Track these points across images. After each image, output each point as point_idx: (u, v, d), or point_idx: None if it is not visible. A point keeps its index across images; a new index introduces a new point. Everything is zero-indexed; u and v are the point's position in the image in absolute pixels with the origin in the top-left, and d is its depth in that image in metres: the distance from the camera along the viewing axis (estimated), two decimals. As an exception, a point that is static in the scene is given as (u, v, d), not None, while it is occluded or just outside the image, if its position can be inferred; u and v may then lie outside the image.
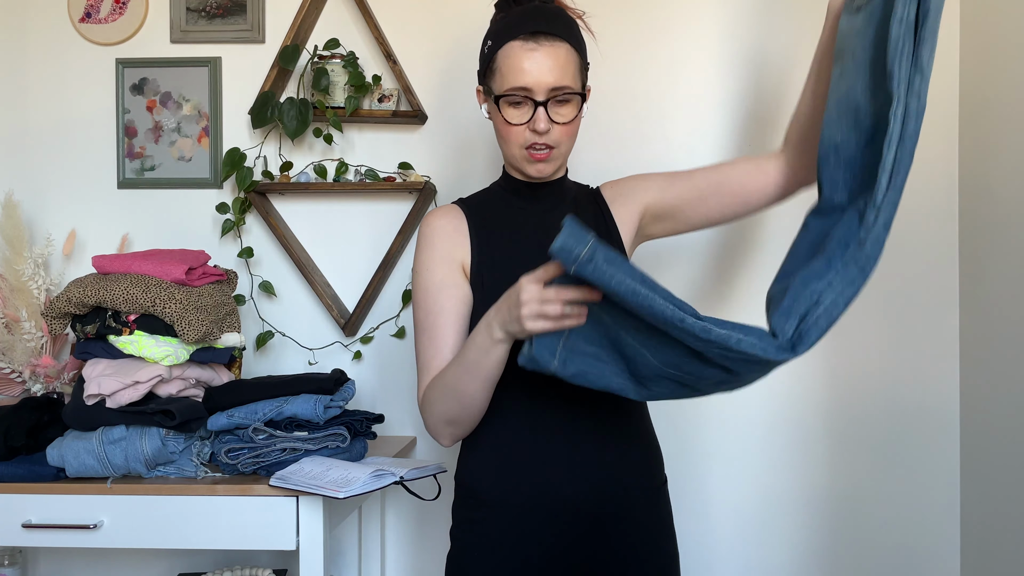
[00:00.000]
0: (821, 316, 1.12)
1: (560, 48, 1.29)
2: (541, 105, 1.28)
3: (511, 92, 1.29)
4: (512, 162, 1.37)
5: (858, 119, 1.18)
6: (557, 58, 1.28)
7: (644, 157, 1.98)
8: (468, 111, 2.01)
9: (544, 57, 1.27)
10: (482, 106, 1.39)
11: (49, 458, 1.58)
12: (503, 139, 1.34)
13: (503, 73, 1.30)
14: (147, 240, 2.05)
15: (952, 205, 1.94)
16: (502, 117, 1.31)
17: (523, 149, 1.32)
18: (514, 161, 1.35)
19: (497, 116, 1.33)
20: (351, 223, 2.03)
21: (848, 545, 1.95)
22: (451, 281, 1.34)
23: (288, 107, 1.91)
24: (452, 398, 1.26)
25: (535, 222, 1.39)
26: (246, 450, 1.58)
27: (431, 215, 1.40)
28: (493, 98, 1.32)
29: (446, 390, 1.27)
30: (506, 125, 1.31)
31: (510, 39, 1.29)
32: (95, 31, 2.05)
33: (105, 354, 1.62)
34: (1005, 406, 1.76)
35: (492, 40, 1.33)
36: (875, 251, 1.15)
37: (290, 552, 1.97)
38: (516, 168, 1.37)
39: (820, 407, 1.96)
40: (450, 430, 1.31)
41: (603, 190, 1.47)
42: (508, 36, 1.30)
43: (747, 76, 1.98)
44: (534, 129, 1.29)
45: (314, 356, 2.04)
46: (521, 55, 1.28)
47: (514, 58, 1.28)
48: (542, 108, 1.28)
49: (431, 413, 1.31)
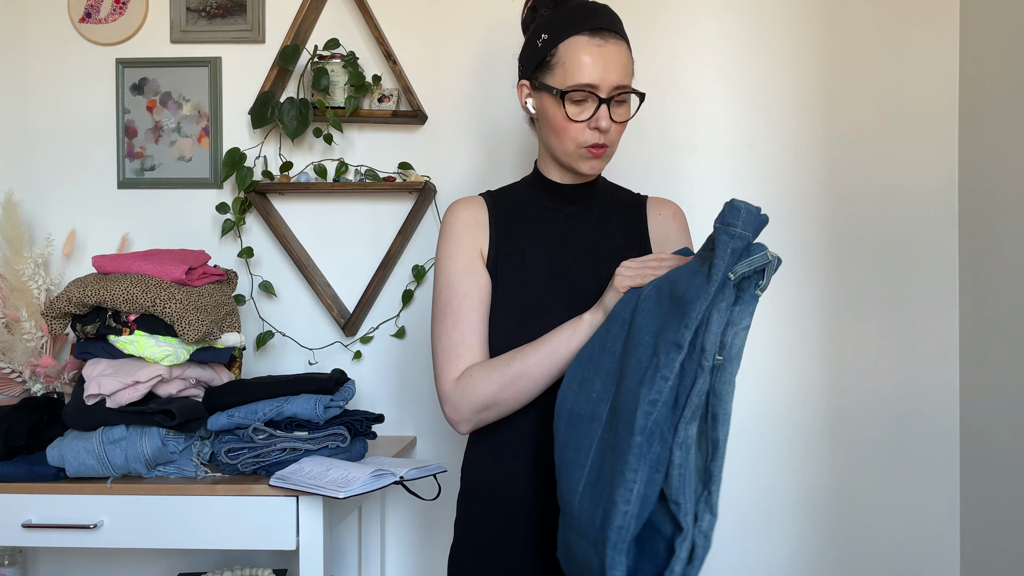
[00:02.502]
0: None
1: (623, 47, 1.28)
2: (605, 103, 1.27)
3: (577, 88, 1.27)
4: (563, 158, 1.34)
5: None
6: (620, 56, 1.27)
7: (644, 157, 1.98)
8: (468, 111, 2.01)
9: (610, 54, 1.26)
10: (527, 101, 1.36)
11: (49, 458, 1.58)
12: (557, 135, 1.31)
13: (567, 68, 1.27)
14: (147, 240, 2.05)
15: (952, 205, 1.94)
16: (564, 113, 1.28)
17: (581, 147, 1.30)
18: (566, 158, 1.33)
19: (557, 112, 1.29)
20: (351, 223, 2.03)
21: (848, 545, 1.95)
22: (474, 269, 1.33)
23: (288, 107, 1.91)
24: (511, 382, 1.25)
25: (560, 222, 1.38)
26: (246, 450, 1.58)
27: (455, 205, 1.39)
28: (555, 93, 1.29)
29: (506, 372, 1.25)
30: (566, 121, 1.28)
31: (574, 33, 1.27)
32: (95, 31, 2.05)
33: (105, 354, 1.62)
34: (1005, 406, 1.76)
35: (548, 33, 1.30)
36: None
37: (290, 552, 1.97)
38: (565, 165, 1.35)
39: (820, 407, 1.96)
40: (482, 415, 1.28)
41: (650, 204, 1.44)
42: (571, 30, 1.27)
43: (747, 76, 1.98)
44: (596, 127, 1.28)
45: (314, 356, 2.04)
46: (590, 50, 1.26)
47: (582, 53, 1.26)
48: (605, 106, 1.27)
49: (471, 394, 1.27)
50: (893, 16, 1.95)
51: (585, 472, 1.11)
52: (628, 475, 1.03)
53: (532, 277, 1.33)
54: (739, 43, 1.98)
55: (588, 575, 1.09)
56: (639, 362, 1.07)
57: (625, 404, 1.06)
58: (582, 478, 1.11)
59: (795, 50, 1.97)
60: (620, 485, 1.03)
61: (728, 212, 1.04)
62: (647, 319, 1.10)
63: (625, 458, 1.03)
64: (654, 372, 1.04)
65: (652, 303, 1.11)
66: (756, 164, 1.97)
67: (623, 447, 1.04)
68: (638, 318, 1.11)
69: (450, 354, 1.31)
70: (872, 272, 1.95)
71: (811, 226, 1.96)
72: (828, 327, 1.96)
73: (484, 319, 1.32)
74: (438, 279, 1.35)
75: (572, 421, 1.16)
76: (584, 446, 1.13)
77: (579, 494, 1.10)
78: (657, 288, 1.12)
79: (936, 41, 1.95)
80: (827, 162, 1.97)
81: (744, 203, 1.03)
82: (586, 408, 1.14)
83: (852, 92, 1.96)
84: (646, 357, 1.06)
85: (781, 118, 1.97)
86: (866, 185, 1.95)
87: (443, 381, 1.31)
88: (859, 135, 1.96)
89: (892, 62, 1.95)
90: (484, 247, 1.35)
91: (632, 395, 1.05)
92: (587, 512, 1.08)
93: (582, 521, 1.09)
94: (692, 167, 1.98)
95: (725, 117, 1.98)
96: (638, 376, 1.06)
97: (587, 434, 1.13)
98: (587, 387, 1.16)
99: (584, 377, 1.17)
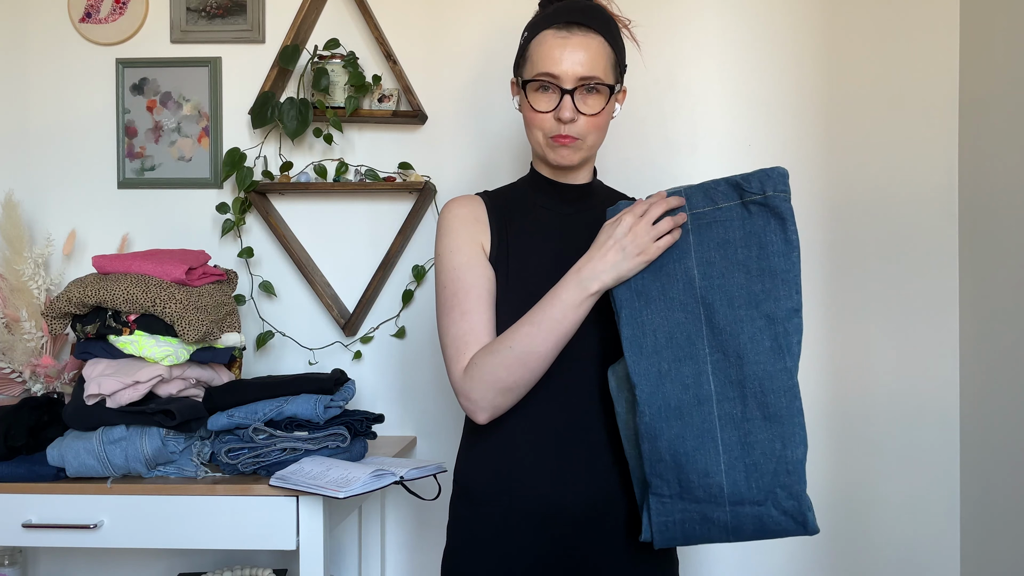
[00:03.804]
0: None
1: (593, 40, 1.29)
2: (568, 93, 1.28)
3: (538, 77, 1.29)
4: (537, 150, 1.36)
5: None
6: (588, 48, 1.28)
7: (644, 157, 1.99)
8: (468, 111, 2.01)
9: (575, 46, 1.28)
10: (514, 98, 1.39)
11: (49, 458, 1.58)
12: (529, 126, 1.34)
13: (533, 60, 1.31)
14: (147, 240, 2.05)
15: (952, 205, 1.94)
16: (528, 103, 1.31)
17: (548, 137, 1.32)
18: (539, 149, 1.35)
19: (524, 103, 1.32)
20: (351, 223, 2.03)
21: (848, 545, 1.95)
22: (478, 262, 1.33)
23: (288, 107, 1.91)
24: (517, 362, 1.23)
25: (557, 222, 1.38)
26: (246, 450, 1.58)
27: (453, 203, 1.39)
28: (521, 84, 1.33)
29: (510, 354, 1.24)
30: (532, 111, 1.31)
31: (544, 28, 1.30)
32: (95, 31, 2.05)
33: (105, 354, 1.62)
34: (1005, 406, 1.76)
35: (528, 31, 1.34)
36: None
37: (290, 552, 1.97)
38: (541, 158, 1.37)
39: (820, 407, 1.96)
40: (499, 400, 1.26)
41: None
42: (543, 26, 1.31)
43: (747, 76, 1.98)
44: (559, 118, 1.29)
45: (314, 356, 2.04)
46: (553, 42, 1.28)
47: (546, 45, 1.29)
48: (568, 96, 1.28)
49: (483, 382, 1.25)
50: (893, 16, 1.95)
51: (721, 451, 1.18)
52: (800, 433, 1.18)
53: (531, 276, 1.33)
54: (739, 43, 1.98)
55: (738, 534, 1.21)
56: (755, 336, 1.18)
57: (760, 376, 1.18)
58: (720, 458, 1.18)
59: (795, 50, 1.97)
60: (796, 446, 1.17)
61: (779, 180, 1.18)
62: (728, 295, 1.19)
63: (793, 420, 1.17)
64: (787, 339, 1.17)
65: (718, 279, 1.20)
66: (756, 164, 1.97)
67: (781, 414, 1.17)
68: (713, 297, 1.20)
69: (460, 344, 1.29)
70: (872, 272, 1.95)
71: (811, 226, 1.96)
72: (828, 327, 1.96)
73: (492, 310, 1.31)
74: (442, 274, 1.34)
75: (675, 414, 1.20)
76: (706, 429, 1.19)
77: (724, 473, 1.18)
78: (709, 263, 1.21)
79: (936, 41, 1.95)
80: (827, 162, 1.97)
81: (784, 170, 1.19)
82: (685, 396, 1.20)
83: (852, 92, 1.96)
84: (760, 329, 1.18)
85: (781, 118, 1.97)
86: (866, 185, 1.95)
87: (454, 372, 1.29)
88: (859, 135, 1.96)
89: (892, 62, 1.95)
90: (486, 243, 1.35)
91: (767, 367, 1.17)
92: (746, 482, 1.18)
93: (741, 492, 1.18)
94: (692, 167, 1.98)
95: (725, 117, 1.98)
96: (763, 348, 1.18)
97: (704, 417, 1.19)
98: (673, 377, 1.20)
99: (662, 369, 1.21)
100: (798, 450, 1.17)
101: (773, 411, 1.17)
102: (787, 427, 1.17)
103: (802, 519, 1.18)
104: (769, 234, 1.19)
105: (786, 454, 1.17)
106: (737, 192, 1.21)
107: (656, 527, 1.23)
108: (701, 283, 1.20)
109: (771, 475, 1.17)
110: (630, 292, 1.23)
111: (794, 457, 1.17)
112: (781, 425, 1.17)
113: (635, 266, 1.21)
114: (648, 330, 1.22)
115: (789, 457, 1.17)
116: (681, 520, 1.22)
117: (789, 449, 1.17)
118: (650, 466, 1.22)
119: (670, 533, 1.23)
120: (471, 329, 1.29)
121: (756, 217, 1.19)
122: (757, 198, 1.19)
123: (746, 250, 1.19)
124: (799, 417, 1.17)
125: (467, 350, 1.28)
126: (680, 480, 1.20)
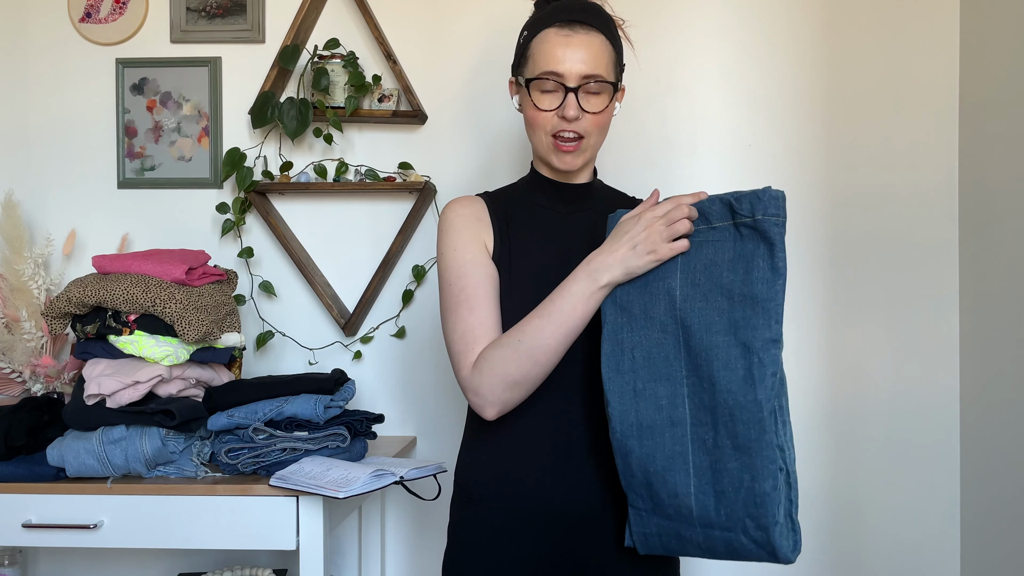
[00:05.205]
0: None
1: (595, 38, 1.29)
2: (572, 91, 1.27)
3: (543, 76, 1.28)
4: (540, 152, 1.35)
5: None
6: (591, 47, 1.28)
7: (644, 157, 1.99)
8: (468, 111, 2.01)
9: (578, 45, 1.27)
10: (514, 98, 1.38)
11: (49, 458, 1.58)
12: (531, 127, 1.33)
13: (536, 59, 1.30)
14: (147, 240, 2.05)
15: (952, 205, 1.94)
16: (531, 102, 1.30)
17: (550, 137, 1.31)
18: (541, 151, 1.34)
19: (527, 102, 1.31)
20: (351, 223, 2.03)
21: (848, 545, 1.95)
22: (483, 260, 1.32)
23: (288, 107, 1.91)
24: (526, 356, 1.22)
25: (557, 222, 1.37)
26: (246, 450, 1.58)
27: (454, 202, 1.38)
28: (524, 83, 1.32)
29: (519, 347, 1.23)
30: (535, 111, 1.30)
31: (546, 27, 1.30)
32: (95, 31, 2.05)
33: (105, 354, 1.62)
34: (1005, 406, 1.76)
35: (528, 30, 1.33)
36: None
37: (290, 552, 1.97)
38: (543, 160, 1.36)
39: (820, 407, 1.96)
40: (508, 395, 1.25)
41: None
42: (544, 24, 1.30)
43: (747, 76, 1.98)
44: (563, 116, 1.28)
45: (314, 356, 2.04)
46: (556, 41, 1.28)
47: (548, 44, 1.28)
48: (573, 95, 1.27)
49: (492, 376, 1.24)
50: (893, 16, 1.95)
51: (692, 474, 1.16)
52: (769, 467, 1.12)
53: (533, 276, 1.32)
54: (739, 43, 1.98)
55: (712, 554, 1.18)
56: (729, 364, 1.13)
57: (731, 405, 1.13)
58: (690, 480, 1.16)
59: (795, 50, 1.97)
60: (764, 479, 1.12)
61: (770, 203, 1.12)
62: (706, 319, 1.15)
63: (761, 453, 1.12)
64: (761, 371, 1.11)
65: (699, 302, 1.16)
66: (756, 164, 1.97)
67: (750, 446, 1.12)
68: (691, 320, 1.16)
69: (468, 339, 1.28)
70: (872, 272, 1.95)
71: (811, 226, 1.96)
72: (828, 327, 1.96)
73: (498, 307, 1.31)
74: (446, 271, 1.33)
75: (647, 432, 1.18)
76: (678, 451, 1.17)
77: (693, 496, 1.16)
78: (694, 284, 1.17)
79: (936, 41, 1.95)
80: (827, 162, 1.97)
81: (778, 192, 1.12)
82: (658, 416, 1.18)
83: (852, 92, 1.96)
84: (735, 358, 1.13)
85: (781, 118, 1.97)
86: (866, 185, 1.95)
87: (462, 368, 1.28)
88: (859, 135, 1.96)
89: (892, 62, 1.95)
90: (488, 242, 1.35)
91: (738, 397, 1.12)
92: (715, 508, 1.15)
93: (711, 516, 1.16)
94: (692, 167, 1.98)
95: (725, 117, 1.98)
96: (736, 377, 1.12)
97: (676, 440, 1.17)
98: (648, 396, 1.19)
99: (637, 388, 1.19)
100: (766, 483, 1.11)
101: (742, 441, 1.13)
102: (756, 459, 1.12)
103: (771, 550, 1.13)
104: (757, 259, 1.13)
105: (754, 487, 1.12)
106: (730, 212, 1.16)
107: (636, 537, 1.24)
108: (681, 304, 1.17)
109: (740, 504, 1.14)
110: (615, 307, 1.22)
111: (761, 490, 1.12)
112: (750, 456, 1.12)
113: (645, 264, 1.19)
114: (627, 348, 1.20)
115: (757, 490, 1.12)
116: (658, 533, 1.21)
117: (757, 482, 1.12)
118: (624, 480, 1.22)
119: (650, 543, 1.23)
120: (480, 324, 1.28)
121: (747, 240, 1.14)
122: (747, 220, 1.13)
123: (732, 274, 1.14)
124: (768, 451, 1.12)
125: (476, 345, 1.27)
126: (652, 497, 1.20)
